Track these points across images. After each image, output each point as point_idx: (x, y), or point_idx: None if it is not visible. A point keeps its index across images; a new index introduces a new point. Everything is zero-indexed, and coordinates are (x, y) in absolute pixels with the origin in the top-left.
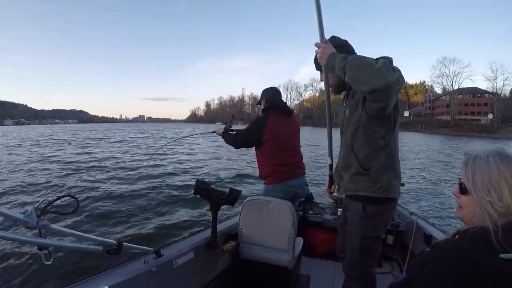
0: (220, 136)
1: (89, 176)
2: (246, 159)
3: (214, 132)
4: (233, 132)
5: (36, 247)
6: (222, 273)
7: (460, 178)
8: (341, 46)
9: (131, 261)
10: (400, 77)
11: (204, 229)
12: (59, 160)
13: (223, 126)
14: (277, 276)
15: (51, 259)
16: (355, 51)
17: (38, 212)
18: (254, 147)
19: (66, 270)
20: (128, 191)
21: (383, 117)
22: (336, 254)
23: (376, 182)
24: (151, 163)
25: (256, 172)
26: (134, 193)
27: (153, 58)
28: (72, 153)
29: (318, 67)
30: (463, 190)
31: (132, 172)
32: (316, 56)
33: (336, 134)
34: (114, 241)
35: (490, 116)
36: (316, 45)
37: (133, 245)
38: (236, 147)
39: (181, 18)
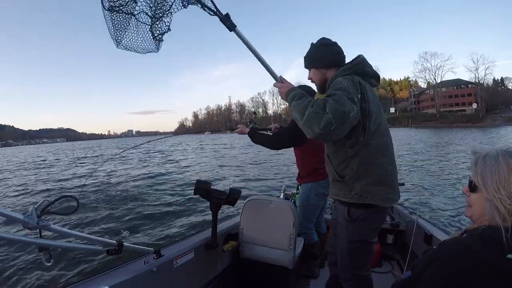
0: (245, 135)
1: (89, 177)
2: (248, 160)
3: (235, 130)
4: (267, 132)
5: (37, 248)
6: (222, 273)
7: (470, 177)
8: (326, 45)
9: (131, 261)
10: (335, 114)
11: (204, 229)
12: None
13: (250, 125)
14: (277, 276)
15: (52, 260)
16: (344, 53)
17: (38, 213)
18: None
19: (66, 270)
20: (128, 191)
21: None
22: (325, 247)
23: (351, 190)
24: (153, 163)
25: (256, 174)
26: (134, 194)
27: (139, 70)
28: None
29: (306, 65)
30: (472, 188)
31: (132, 173)
32: (306, 54)
33: None
34: (114, 241)
35: (474, 105)
36: (274, 85)
37: (133, 245)
38: (275, 148)
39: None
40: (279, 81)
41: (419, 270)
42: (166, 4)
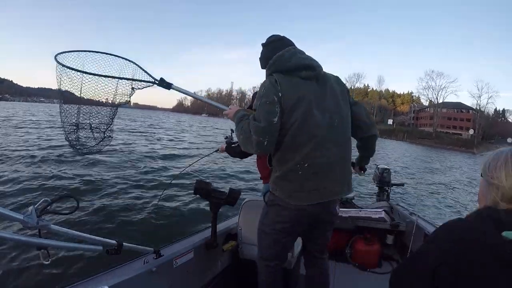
0: (225, 152)
1: (89, 176)
2: (245, 160)
3: (217, 151)
4: (235, 145)
5: (36, 247)
6: (221, 273)
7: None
8: (266, 45)
9: (131, 261)
10: (258, 134)
11: (204, 229)
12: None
13: (225, 140)
14: None
15: (50, 259)
16: (293, 43)
17: (38, 212)
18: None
19: (66, 270)
20: (128, 191)
21: None
22: None
23: (270, 179)
24: (151, 162)
25: (254, 174)
26: (134, 193)
27: (144, 41)
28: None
29: (262, 66)
30: (481, 174)
31: (132, 173)
32: (260, 55)
33: None
34: (114, 241)
35: (471, 132)
36: (223, 114)
37: (133, 245)
38: (244, 157)
39: (176, 5)
40: (228, 109)
41: (417, 250)
42: (111, 114)
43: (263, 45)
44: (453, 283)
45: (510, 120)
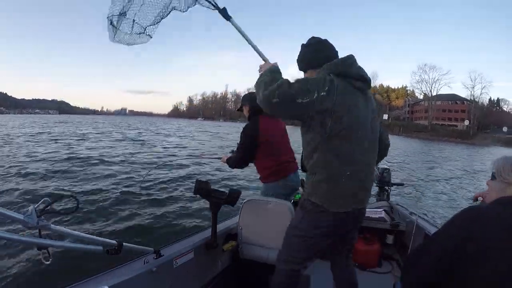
0: (225, 163)
1: (89, 175)
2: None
3: (220, 158)
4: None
5: (36, 248)
6: (221, 273)
7: (493, 172)
8: (316, 44)
9: (131, 261)
10: (280, 90)
11: (204, 229)
12: (57, 157)
13: (229, 154)
14: None
15: (51, 259)
16: (335, 50)
17: (38, 212)
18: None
19: (66, 270)
20: (128, 191)
21: (307, 123)
22: None
23: (306, 182)
24: (151, 164)
25: (255, 173)
26: (134, 193)
27: (139, 48)
28: (72, 150)
29: (302, 67)
30: (493, 176)
31: (132, 172)
32: (300, 56)
33: None
34: (114, 241)
35: (466, 122)
36: (260, 66)
37: (133, 245)
38: (244, 165)
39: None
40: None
41: (433, 233)
42: (161, 14)
43: (304, 46)
44: (471, 261)
45: (505, 109)
